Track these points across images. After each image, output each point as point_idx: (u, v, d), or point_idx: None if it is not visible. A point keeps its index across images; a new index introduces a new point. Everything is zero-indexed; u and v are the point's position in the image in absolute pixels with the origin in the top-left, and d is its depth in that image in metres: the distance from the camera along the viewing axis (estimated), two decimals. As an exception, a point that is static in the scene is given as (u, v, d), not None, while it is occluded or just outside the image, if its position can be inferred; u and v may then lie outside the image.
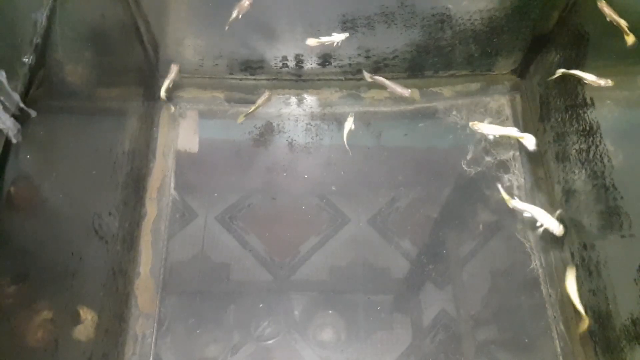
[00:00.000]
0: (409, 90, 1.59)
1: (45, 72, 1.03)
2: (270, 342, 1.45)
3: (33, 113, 0.96)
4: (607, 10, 1.30)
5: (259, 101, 1.68)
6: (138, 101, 1.64)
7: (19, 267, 0.97)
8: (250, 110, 1.67)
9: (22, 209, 0.99)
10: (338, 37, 1.52)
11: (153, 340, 1.44)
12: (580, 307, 1.31)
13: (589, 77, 1.33)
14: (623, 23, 1.26)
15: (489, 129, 1.45)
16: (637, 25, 1.24)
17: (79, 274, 1.17)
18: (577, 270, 1.44)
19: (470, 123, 1.48)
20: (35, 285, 1.03)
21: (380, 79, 1.61)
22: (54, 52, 1.07)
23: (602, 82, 1.32)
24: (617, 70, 1.34)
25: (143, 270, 1.52)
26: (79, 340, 1.19)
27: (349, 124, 1.62)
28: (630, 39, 1.26)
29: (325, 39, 1.52)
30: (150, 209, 1.61)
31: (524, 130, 1.72)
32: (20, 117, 0.93)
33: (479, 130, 1.46)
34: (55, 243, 1.11)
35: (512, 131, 1.43)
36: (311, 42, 1.51)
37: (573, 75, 1.38)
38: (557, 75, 1.43)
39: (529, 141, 1.39)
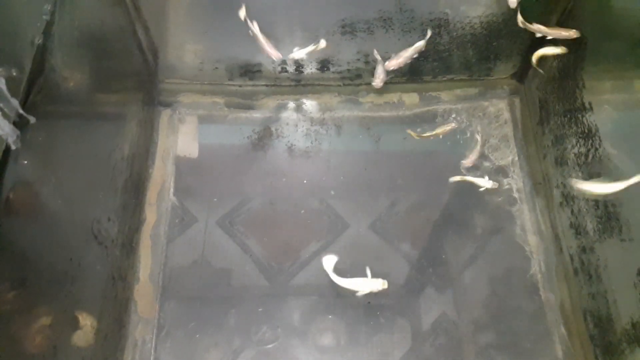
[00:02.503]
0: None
1: (44, 78, 1.03)
2: (270, 346, 1.44)
3: (32, 119, 0.96)
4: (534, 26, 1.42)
5: (442, 129, 1.69)
6: (137, 106, 1.64)
7: (17, 273, 0.97)
8: (428, 134, 1.69)
9: (21, 214, 0.99)
10: (312, 47, 1.57)
11: (153, 345, 1.44)
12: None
13: (553, 32, 1.39)
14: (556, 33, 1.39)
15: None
16: (633, 27, 1.25)
17: (78, 280, 1.17)
18: (576, 274, 1.44)
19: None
20: (34, 291, 1.03)
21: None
22: (53, 58, 1.07)
23: (565, 33, 1.34)
24: (615, 73, 1.34)
25: (142, 275, 1.52)
26: (77, 346, 1.19)
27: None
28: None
29: (306, 50, 1.57)
30: (150, 214, 1.61)
31: (523, 134, 1.73)
32: (19, 123, 0.93)
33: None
34: (54, 248, 1.11)
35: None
36: (295, 54, 1.58)
37: (543, 37, 1.44)
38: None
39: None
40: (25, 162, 0.96)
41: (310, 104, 1.81)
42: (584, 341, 1.40)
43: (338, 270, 1.50)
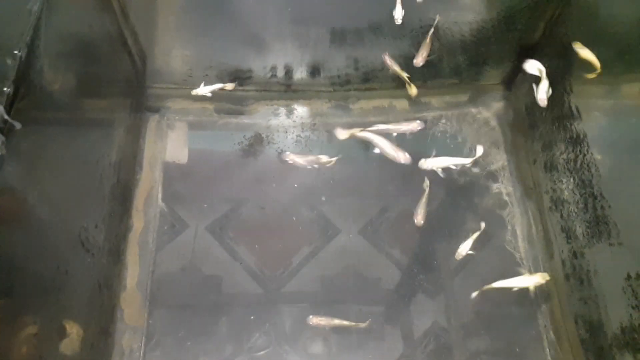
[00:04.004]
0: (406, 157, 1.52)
1: (30, 84, 1.02)
2: (261, 353, 1.43)
3: (18, 125, 0.95)
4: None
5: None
6: (125, 112, 1.63)
7: (3, 281, 0.95)
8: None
9: (6, 222, 0.97)
10: (220, 85, 1.63)
11: (141, 354, 1.42)
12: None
13: None
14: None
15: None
16: (621, 33, 1.26)
17: (65, 288, 1.15)
18: (567, 279, 1.45)
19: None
20: (20, 300, 1.01)
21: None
22: (39, 63, 1.05)
23: None
24: (603, 79, 1.36)
25: (129, 283, 1.50)
26: (64, 355, 1.17)
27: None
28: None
29: (212, 87, 1.61)
30: (137, 220, 1.59)
31: (512, 139, 1.74)
32: (4, 129, 0.91)
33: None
34: (40, 256, 1.09)
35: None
36: (199, 91, 1.61)
37: None
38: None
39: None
40: (11, 168, 0.95)
41: (300, 110, 1.80)
42: (575, 346, 1.41)
43: (328, 278, 1.50)
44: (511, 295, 1.51)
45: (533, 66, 1.42)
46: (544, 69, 1.41)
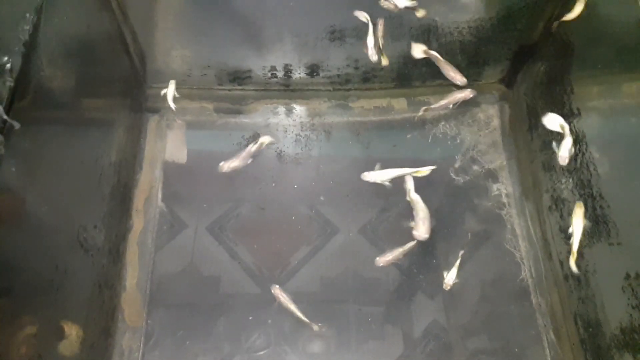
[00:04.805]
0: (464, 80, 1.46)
1: (29, 84, 1.01)
2: (260, 353, 1.43)
3: (17, 125, 0.94)
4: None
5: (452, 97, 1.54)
6: (125, 112, 1.63)
7: (2, 282, 0.95)
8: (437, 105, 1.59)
9: (6, 222, 0.97)
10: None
11: (140, 354, 1.42)
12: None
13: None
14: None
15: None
16: (620, 33, 1.26)
17: (64, 288, 1.15)
18: (566, 279, 1.45)
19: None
20: (19, 300, 1.01)
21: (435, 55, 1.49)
22: (38, 63, 1.05)
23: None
24: (602, 79, 1.36)
25: (129, 283, 1.50)
26: (63, 355, 1.17)
27: None
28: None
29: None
30: (137, 220, 1.59)
31: (512, 139, 1.74)
32: (3, 129, 0.91)
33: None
34: (39, 256, 1.09)
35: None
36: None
37: None
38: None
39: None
40: (10, 168, 0.95)
41: (299, 109, 1.80)
42: (574, 346, 1.41)
43: (327, 277, 1.50)
44: (511, 295, 1.52)
45: (554, 122, 1.28)
46: (566, 125, 1.27)
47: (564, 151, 1.25)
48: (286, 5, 1.50)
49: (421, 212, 1.43)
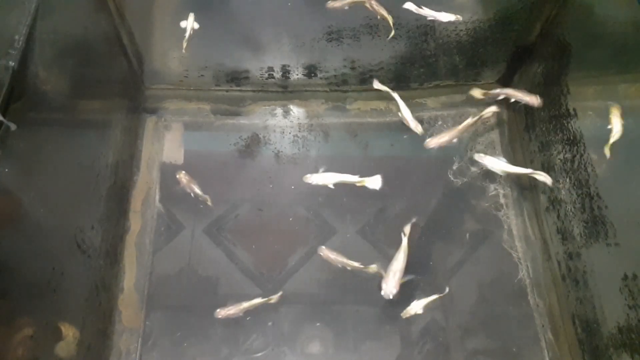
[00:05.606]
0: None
1: (26, 85, 1.01)
2: (258, 355, 1.43)
3: (13, 126, 0.94)
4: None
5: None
6: (122, 113, 1.62)
7: (-2, 283, 0.95)
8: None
9: (2, 223, 0.97)
10: None
11: (138, 355, 1.41)
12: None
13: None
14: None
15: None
16: (617, 33, 1.26)
17: (61, 290, 1.15)
18: (564, 279, 1.45)
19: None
20: (16, 302, 1.01)
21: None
22: (35, 64, 1.05)
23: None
24: (599, 80, 1.36)
25: (127, 284, 1.50)
26: (60, 357, 1.17)
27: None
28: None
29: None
30: (135, 222, 1.58)
31: (509, 139, 1.74)
32: (-1, 130, 0.91)
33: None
34: (36, 258, 1.09)
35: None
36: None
37: None
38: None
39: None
40: (6, 170, 0.94)
41: (297, 111, 1.80)
42: (572, 346, 1.41)
43: (325, 278, 1.49)
44: (508, 295, 1.52)
45: None
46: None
47: None
48: (283, 6, 1.50)
49: (396, 262, 1.30)
